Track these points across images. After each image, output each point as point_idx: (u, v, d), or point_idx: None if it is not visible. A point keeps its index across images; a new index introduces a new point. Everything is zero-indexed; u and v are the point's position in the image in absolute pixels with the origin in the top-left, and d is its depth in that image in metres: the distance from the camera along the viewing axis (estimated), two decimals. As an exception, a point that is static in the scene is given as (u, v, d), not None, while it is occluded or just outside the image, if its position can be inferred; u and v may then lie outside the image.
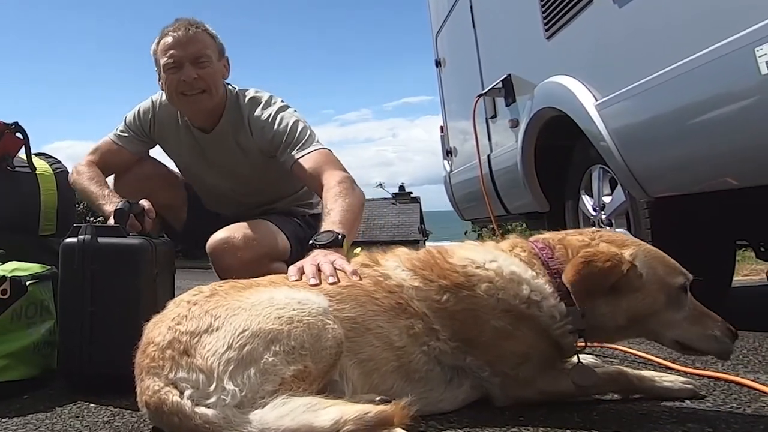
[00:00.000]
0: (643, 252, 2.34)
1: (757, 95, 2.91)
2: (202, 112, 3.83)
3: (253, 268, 3.10)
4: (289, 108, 3.85)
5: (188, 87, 3.67)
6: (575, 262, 2.27)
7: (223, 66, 3.87)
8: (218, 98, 3.80)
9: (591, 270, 2.22)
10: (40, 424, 2.46)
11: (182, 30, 3.68)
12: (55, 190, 4.06)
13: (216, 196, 4.16)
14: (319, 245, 2.82)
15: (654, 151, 3.78)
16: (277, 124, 3.72)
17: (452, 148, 8.07)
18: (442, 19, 7.84)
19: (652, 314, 2.29)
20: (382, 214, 49.58)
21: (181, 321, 2.09)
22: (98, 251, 2.91)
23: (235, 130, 3.86)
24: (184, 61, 3.66)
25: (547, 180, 5.49)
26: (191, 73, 3.64)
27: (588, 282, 2.22)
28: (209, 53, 3.73)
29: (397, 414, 1.89)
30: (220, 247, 3.52)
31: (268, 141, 3.74)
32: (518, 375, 2.31)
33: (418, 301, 2.31)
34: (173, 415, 1.95)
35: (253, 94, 3.90)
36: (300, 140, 3.66)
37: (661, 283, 2.29)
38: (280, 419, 1.84)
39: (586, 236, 2.44)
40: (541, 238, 2.53)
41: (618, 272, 2.23)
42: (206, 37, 3.77)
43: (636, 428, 2.10)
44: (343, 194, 3.25)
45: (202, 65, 3.68)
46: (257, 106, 3.83)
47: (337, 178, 3.38)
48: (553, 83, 4.76)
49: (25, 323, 3.01)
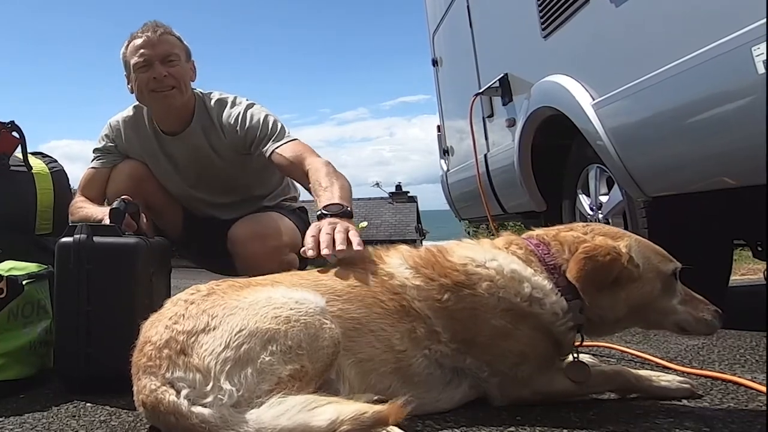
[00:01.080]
0: (636, 243, 2.38)
1: (753, 94, 2.90)
2: (172, 110, 3.89)
3: (276, 257, 3.15)
4: (256, 104, 3.95)
5: (158, 84, 3.76)
6: (577, 258, 2.28)
7: (190, 68, 3.96)
8: (187, 96, 3.89)
9: (594, 265, 2.24)
10: (37, 423, 2.46)
11: (150, 32, 3.79)
12: (52, 189, 4.06)
13: (194, 200, 4.18)
14: (331, 214, 2.85)
15: (651, 151, 3.78)
16: (249, 121, 3.82)
17: (449, 147, 8.07)
18: (439, 18, 7.85)
19: (650, 302, 2.33)
20: (379, 213, 49.59)
21: (178, 320, 2.09)
22: (94, 250, 2.90)
23: (207, 133, 3.93)
24: (154, 59, 3.76)
25: (544, 179, 5.50)
26: (161, 71, 3.74)
27: (594, 277, 2.24)
28: (177, 52, 3.84)
29: (393, 413, 1.89)
30: (247, 234, 3.64)
31: (242, 138, 3.83)
32: (516, 375, 2.31)
33: (419, 302, 2.31)
34: (170, 415, 1.95)
35: (219, 97, 4.00)
36: (273, 133, 3.77)
37: (657, 272, 2.33)
38: (277, 418, 1.84)
39: (579, 231, 2.45)
40: (534, 234, 2.53)
41: (619, 265, 2.25)
42: (173, 39, 3.88)
43: (633, 428, 2.10)
44: (334, 175, 3.32)
45: (172, 63, 3.79)
46: (225, 107, 3.93)
47: (322, 162, 3.47)
48: (550, 82, 4.76)
49: (21, 322, 3.00)
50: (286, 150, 3.66)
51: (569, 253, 2.35)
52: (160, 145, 4.00)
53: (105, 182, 3.96)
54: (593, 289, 2.25)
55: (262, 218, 3.81)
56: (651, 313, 2.36)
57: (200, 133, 3.92)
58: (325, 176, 3.29)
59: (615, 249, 2.27)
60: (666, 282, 2.34)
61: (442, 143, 8.33)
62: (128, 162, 4.02)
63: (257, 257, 3.49)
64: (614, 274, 2.25)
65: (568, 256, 2.34)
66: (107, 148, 4.04)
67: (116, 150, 4.04)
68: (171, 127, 3.96)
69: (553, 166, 5.33)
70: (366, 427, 1.83)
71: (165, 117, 3.94)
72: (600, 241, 2.32)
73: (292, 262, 3.58)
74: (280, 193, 4.27)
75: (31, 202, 3.96)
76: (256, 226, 3.70)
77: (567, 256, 2.35)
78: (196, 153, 3.95)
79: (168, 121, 3.95)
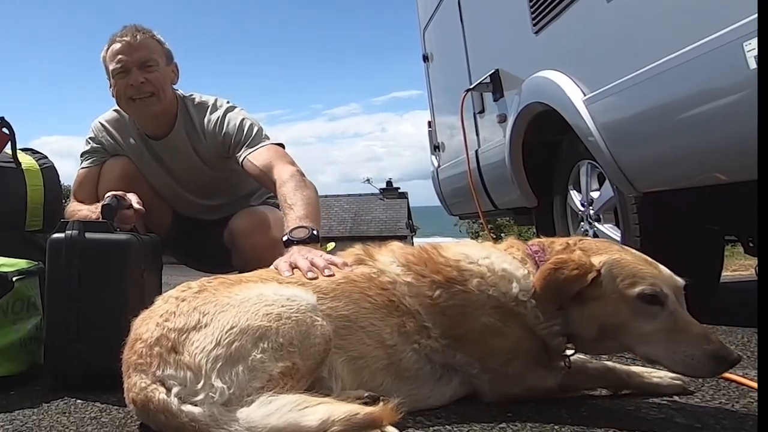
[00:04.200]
0: (613, 261, 2.25)
1: (745, 90, 2.90)
2: (151, 117, 3.86)
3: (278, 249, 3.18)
4: (235, 108, 3.92)
5: (136, 91, 3.73)
6: (544, 268, 2.27)
7: (171, 71, 3.93)
8: (167, 102, 3.85)
9: (557, 277, 2.21)
10: (27, 420, 2.46)
11: (129, 36, 3.75)
12: (42, 185, 4.04)
13: (181, 200, 4.17)
14: (297, 241, 2.86)
15: (642, 146, 3.78)
16: (226, 125, 3.80)
17: (440, 143, 8.06)
18: (430, 14, 7.83)
19: (618, 326, 2.22)
20: (369, 209, 49.56)
21: (169, 317, 2.09)
22: (85, 247, 2.90)
23: (190, 137, 3.91)
24: (131, 65, 3.72)
25: (536, 175, 5.48)
26: (138, 77, 3.71)
27: (551, 288, 2.22)
28: (156, 57, 3.80)
29: (386, 416, 1.90)
30: (249, 226, 3.68)
31: (221, 143, 3.82)
32: (507, 371, 2.32)
33: (410, 298, 2.32)
34: (159, 413, 1.95)
35: (199, 100, 3.97)
36: (248, 138, 3.73)
37: (619, 294, 2.20)
38: (267, 417, 1.85)
39: (567, 241, 2.43)
40: (537, 241, 2.53)
41: (582, 281, 2.19)
42: (153, 43, 3.84)
43: (625, 424, 2.10)
44: (299, 187, 3.31)
45: (149, 69, 3.75)
46: (205, 111, 3.90)
47: (289, 172, 3.43)
48: (541, 78, 4.76)
49: (11, 319, 3.00)
50: (257, 157, 3.63)
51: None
52: (147, 147, 3.98)
53: (97, 181, 3.94)
54: (546, 299, 2.25)
55: (261, 211, 3.83)
56: (622, 336, 2.23)
57: (184, 137, 3.90)
58: (290, 190, 3.27)
59: (584, 265, 2.21)
60: (633, 305, 2.19)
61: (432, 139, 8.31)
62: (117, 159, 3.99)
63: (260, 249, 3.48)
64: (574, 289, 2.21)
65: None
66: (94, 149, 4.02)
67: (103, 149, 4.02)
68: (154, 131, 3.94)
69: (544, 162, 5.32)
70: (357, 428, 1.84)
71: (145, 123, 3.93)
72: (576, 255, 2.26)
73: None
74: (265, 192, 4.24)
75: (21, 198, 3.94)
76: (257, 218, 3.72)
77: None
78: (180, 156, 3.94)
79: (150, 126, 3.93)
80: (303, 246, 2.80)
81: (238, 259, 3.76)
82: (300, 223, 3.01)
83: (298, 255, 2.62)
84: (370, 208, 49.79)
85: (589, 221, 4.78)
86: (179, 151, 3.93)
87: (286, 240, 2.90)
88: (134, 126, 3.98)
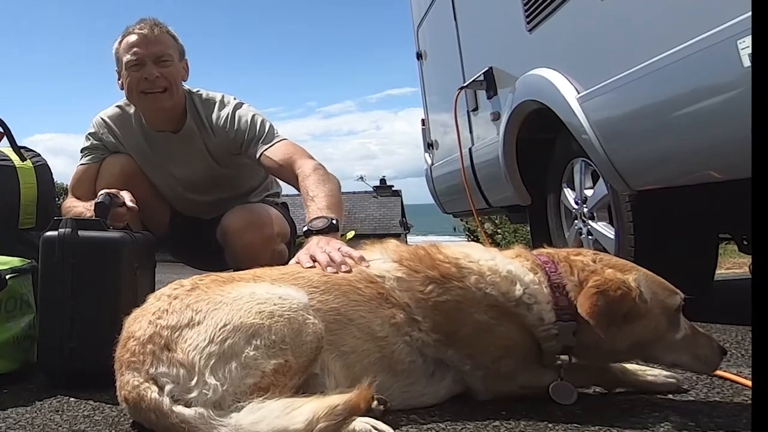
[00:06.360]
0: (644, 277, 2.31)
1: (739, 88, 2.90)
2: (160, 111, 3.86)
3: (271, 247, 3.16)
4: (244, 104, 3.93)
5: (150, 85, 3.71)
6: (589, 293, 2.21)
7: (182, 68, 3.92)
8: (178, 98, 3.84)
9: (606, 300, 2.17)
10: (20, 418, 2.45)
11: (147, 29, 3.73)
12: (35, 183, 4.02)
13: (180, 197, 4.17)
14: (317, 231, 2.87)
15: (636, 144, 3.78)
16: (237, 122, 3.81)
17: (433, 141, 8.05)
18: (424, 12, 7.81)
19: (655, 339, 2.27)
20: (363, 207, 49.59)
21: (161, 315, 2.09)
22: (78, 245, 2.89)
23: (200, 132, 3.91)
24: (147, 59, 3.70)
25: (529, 173, 5.47)
26: (153, 72, 3.69)
27: (607, 312, 2.17)
28: (171, 53, 3.79)
29: (362, 398, 1.95)
30: (242, 224, 3.64)
31: (231, 140, 3.82)
32: (500, 369, 2.32)
33: (400, 292, 2.32)
34: (151, 412, 1.96)
35: (206, 96, 3.98)
36: (262, 134, 3.75)
37: (663, 307, 2.27)
38: (255, 425, 1.87)
39: (588, 257, 2.40)
40: (544, 252, 2.50)
41: (630, 300, 2.19)
42: (168, 38, 3.83)
43: (619, 422, 2.10)
44: (323, 180, 3.32)
45: (164, 64, 3.74)
46: (213, 108, 3.91)
47: (312, 166, 3.46)
48: (535, 76, 4.75)
49: (4, 317, 2.99)
50: (276, 152, 3.64)
51: (578, 278, 2.31)
52: (149, 143, 3.97)
53: (95, 178, 3.93)
54: (606, 325, 2.18)
55: (254, 208, 3.81)
56: (652, 348, 2.30)
57: (196, 132, 3.90)
58: (313, 183, 3.30)
59: (625, 283, 2.21)
60: (671, 317, 2.28)
61: (426, 137, 8.30)
62: (117, 156, 3.98)
63: (252, 246, 3.51)
64: (624, 310, 2.20)
65: (576, 281, 2.31)
66: (94, 145, 4.02)
67: (103, 146, 4.01)
68: (161, 127, 3.93)
69: (538, 160, 5.32)
70: (341, 418, 1.87)
71: (154, 117, 3.91)
72: (609, 274, 2.26)
73: (282, 252, 3.60)
74: (264, 190, 4.26)
75: (14, 196, 3.92)
76: (250, 216, 3.70)
77: (574, 280, 2.31)
78: (188, 152, 3.93)
79: (157, 121, 3.92)
80: (322, 236, 2.81)
81: (231, 258, 3.74)
82: (320, 214, 3.03)
83: (316, 247, 2.62)
84: (364, 206, 49.81)
85: (582, 219, 4.77)
86: (191, 145, 3.92)
87: (306, 230, 2.92)
88: (139, 122, 3.97)
